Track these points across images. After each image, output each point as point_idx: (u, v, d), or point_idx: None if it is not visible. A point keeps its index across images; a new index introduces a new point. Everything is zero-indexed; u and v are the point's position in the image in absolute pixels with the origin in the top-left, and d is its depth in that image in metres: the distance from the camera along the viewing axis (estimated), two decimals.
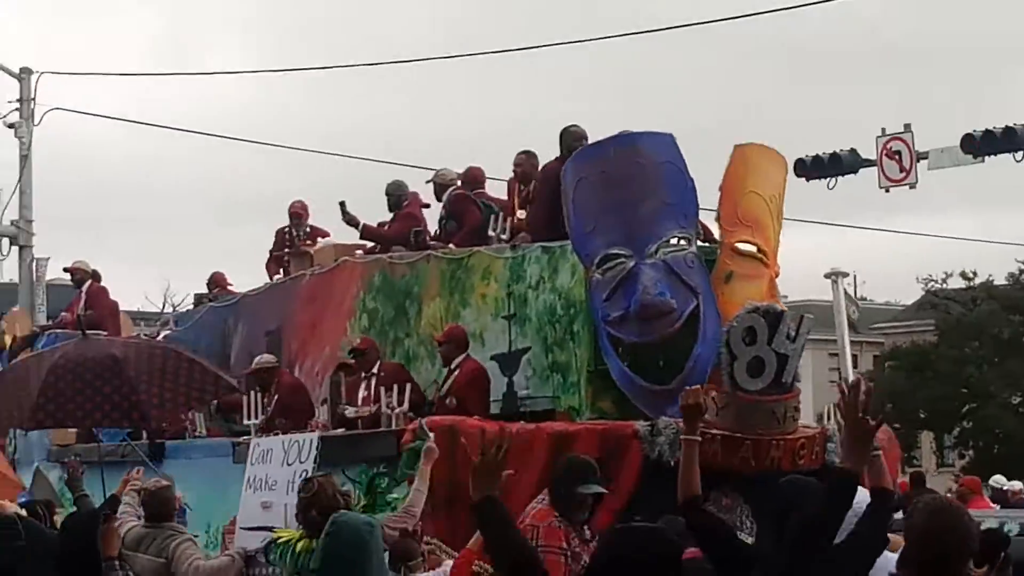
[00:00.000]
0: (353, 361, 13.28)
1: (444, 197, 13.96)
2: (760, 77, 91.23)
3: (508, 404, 12.03)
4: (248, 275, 18.60)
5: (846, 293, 19.71)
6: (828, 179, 23.00)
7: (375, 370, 12.87)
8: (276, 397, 13.82)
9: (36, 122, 22.16)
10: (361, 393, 12.69)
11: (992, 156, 22.81)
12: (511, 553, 4.93)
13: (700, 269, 11.20)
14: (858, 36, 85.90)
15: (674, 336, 11.00)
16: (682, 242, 11.23)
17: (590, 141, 12.15)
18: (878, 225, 64.54)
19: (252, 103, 79.14)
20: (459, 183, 14.03)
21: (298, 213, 16.79)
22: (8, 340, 18.18)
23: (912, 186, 23.74)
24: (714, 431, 10.37)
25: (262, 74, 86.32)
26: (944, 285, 55.27)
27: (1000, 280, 54.49)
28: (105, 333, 16.69)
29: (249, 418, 13.57)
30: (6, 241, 22.58)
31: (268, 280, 16.77)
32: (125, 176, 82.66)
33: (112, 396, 10.86)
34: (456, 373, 11.95)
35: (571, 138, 12.74)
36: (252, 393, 13.83)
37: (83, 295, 17.81)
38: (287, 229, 16.81)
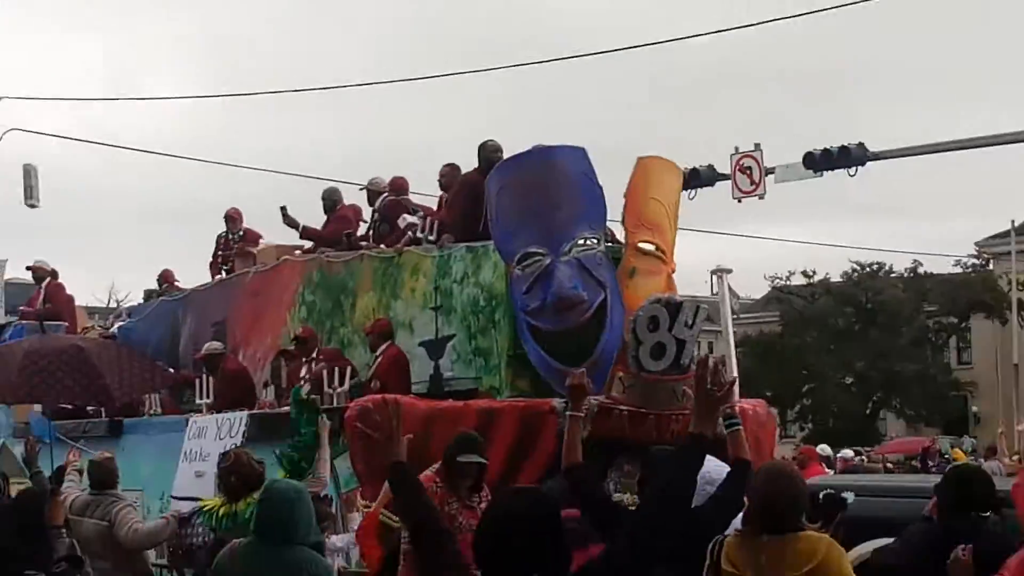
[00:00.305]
0: (294, 348, 13.21)
1: (377, 203, 13.85)
2: (649, 101, 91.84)
3: (434, 385, 11.95)
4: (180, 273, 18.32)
5: (729, 287, 20.07)
6: (689, 191, 23.22)
7: (315, 355, 12.85)
8: (220, 379, 13.79)
9: None
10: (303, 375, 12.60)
11: (830, 171, 23.69)
12: (417, 512, 5.00)
13: (607, 266, 11.17)
14: (720, 65, 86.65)
15: (585, 324, 10.93)
16: (591, 242, 11.18)
17: (507, 154, 12.18)
18: (733, 231, 65.46)
19: (187, 124, 77.68)
20: (388, 191, 13.91)
21: (232, 217, 16.65)
22: None
23: (761, 197, 24.64)
24: (621, 407, 10.53)
25: (198, 99, 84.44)
26: (788, 282, 56.51)
27: (836, 278, 56.02)
28: (65, 324, 16.52)
29: (200, 398, 13.53)
30: None
31: (211, 279, 16.57)
32: (72, 187, 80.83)
33: (81, 380, 10.81)
34: (380, 359, 11.94)
35: (488, 151, 12.71)
36: (203, 376, 13.84)
37: (42, 291, 17.52)
38: (224, 233, 16.67)
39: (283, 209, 14.63)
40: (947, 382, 56.00)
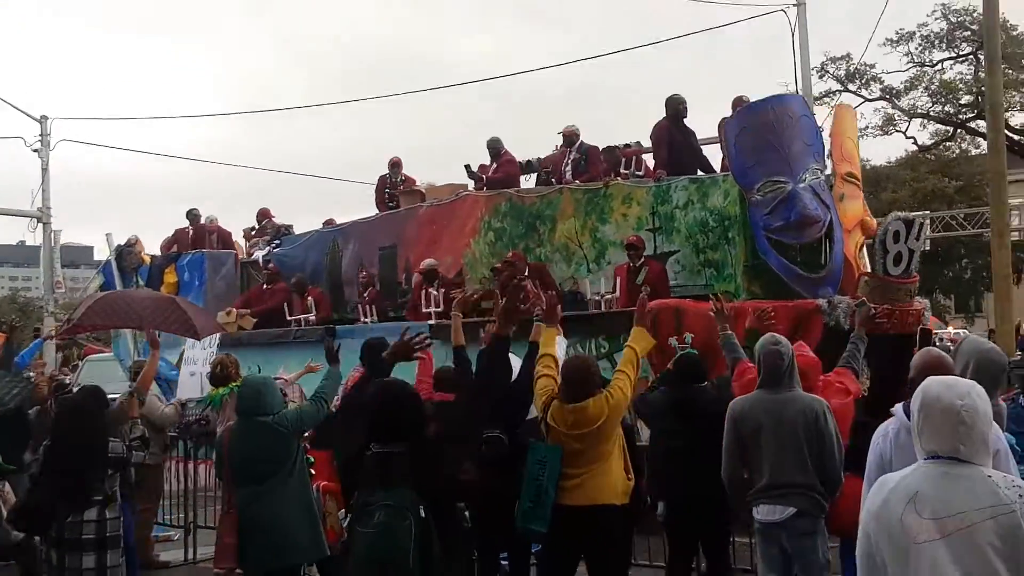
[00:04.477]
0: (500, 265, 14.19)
1: (575, 144, 15.17)
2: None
3: None
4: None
5: None
6: None
7: (526, 272, 13.79)
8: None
9: (52, 148, 26.62)
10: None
11: None
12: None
13: (828, 191, 12.66)
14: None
15: (820, 239, 12.45)
16: (817, 171, 12.61)
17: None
18: None
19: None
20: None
21: (396, 163, 17.68)
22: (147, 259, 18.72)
23: None
24: (872, 304, 12.06)
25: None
26: None
27: None
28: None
29: (427, 307, 14.24)
30: (33, 221, 26.56)
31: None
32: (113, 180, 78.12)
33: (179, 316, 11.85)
34: (647, 269, 12.98)
35: (675, 103, 14.24)
36: (426, 288, 14.59)
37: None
38: (388, 175, 17.66)
39: (467, 166, 16.19)
40: None
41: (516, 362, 8.11)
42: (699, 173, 13.93)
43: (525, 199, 15.05)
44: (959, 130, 39.36)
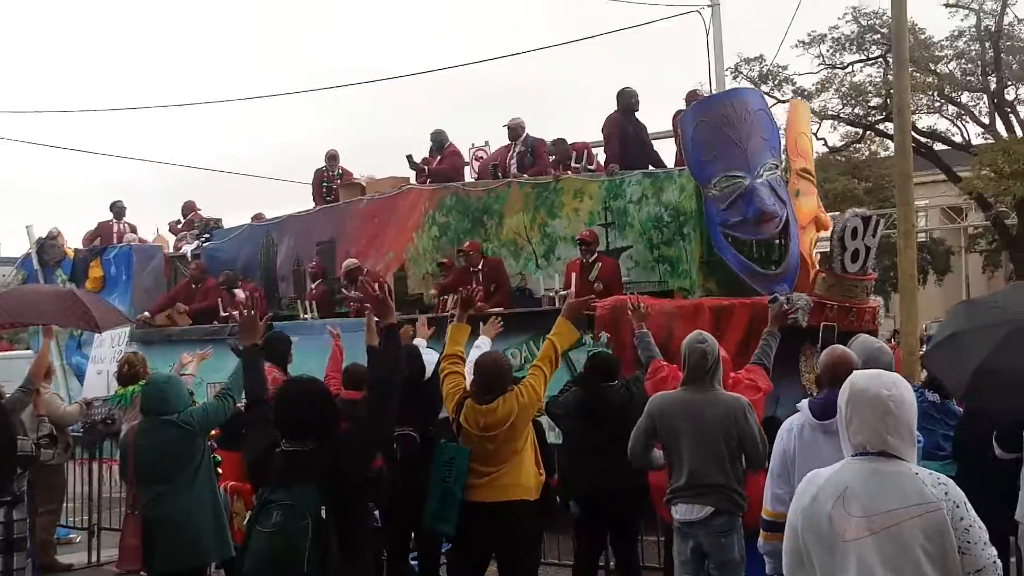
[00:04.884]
0: (462, 259, 14.05)
1: (520, 137, 14.85)
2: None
3: None
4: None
5: None
6: None
7: (480, 266, 13.73)
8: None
9: None
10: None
11: None
12: None
13: (784, 187, 12.59)
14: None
15: (777, 235, 12.40)
16: (774, 166, 12.51)
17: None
18: None
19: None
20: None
21: (334, 156, 17.27)
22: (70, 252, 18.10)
23: None
24: (831, 302, 11.92)
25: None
26: None
27: None
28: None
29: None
30: None
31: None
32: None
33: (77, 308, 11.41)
34: (600, 265, 12.74)
35: (627, 96, 14.02)
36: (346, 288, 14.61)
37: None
38: (324, 169, 17.23)
39: (409, 157, 15.84)
40: None
41: (432, 357, 8.16)
42: (649, 168, 13.69)
43: (471, 193, 14.74)
44: (868, 132, 39.84)
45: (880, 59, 37.27)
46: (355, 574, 5.06)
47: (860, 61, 38.14)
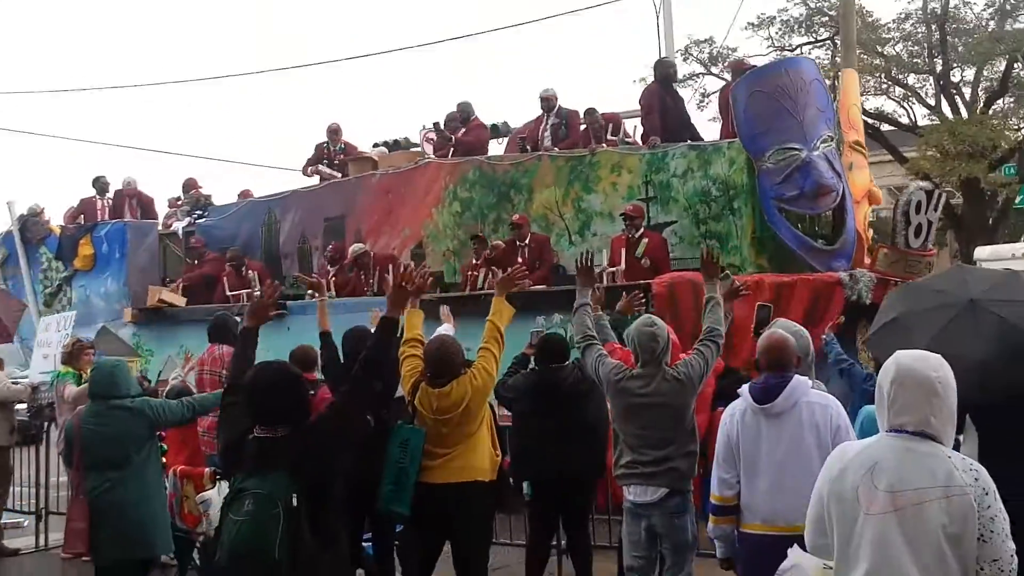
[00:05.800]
0: (480, 234, 13.53)
1: (555, 109, 14.20)
2: None
3: None
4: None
5: None
6: None
7: (527, 241, 13.19)
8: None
9: None
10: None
11: None
12: None
13: (839, 159, 12.09)
14: None
15: (834, 209, 11.96)
16: (830, 139, 11.96)
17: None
18: None
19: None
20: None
21: (336, 130, 16.49)
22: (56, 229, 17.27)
23: None
24: (894, 278, 11.56)
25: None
26: None
27: None
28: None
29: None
30: None
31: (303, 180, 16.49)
32: None
33: None
34: (647, 241, 12.21)
35: (665, 66, 13.56)
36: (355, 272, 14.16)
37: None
38: (325, 144, 16.40)
39: (436, 124, 15.27)
40: None
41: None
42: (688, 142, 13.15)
43: (496, 167, 14.06)
44: None
45: (828, 41, 37.23)
46: (328, 561, 4.97)
47: (808, 43, 38.04)
